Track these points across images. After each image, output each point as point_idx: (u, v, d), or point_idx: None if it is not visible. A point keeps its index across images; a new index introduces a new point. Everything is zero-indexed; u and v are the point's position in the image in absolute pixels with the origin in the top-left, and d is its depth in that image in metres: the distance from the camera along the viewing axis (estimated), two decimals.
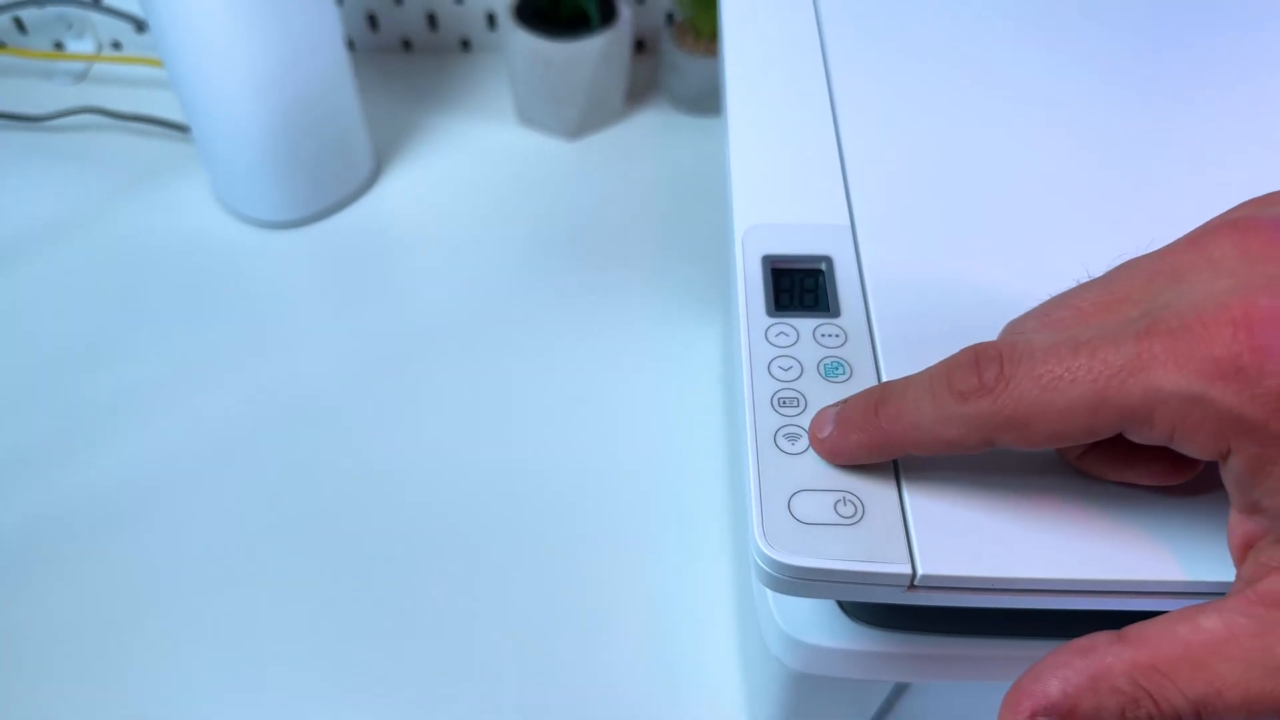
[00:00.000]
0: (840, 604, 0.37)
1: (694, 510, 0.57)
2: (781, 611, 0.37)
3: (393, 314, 0.68)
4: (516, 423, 0.62)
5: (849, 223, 0.38)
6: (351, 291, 0.70)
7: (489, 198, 0.75)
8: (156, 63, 0.82)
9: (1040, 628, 0.36)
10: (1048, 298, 0.30)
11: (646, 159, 0.78)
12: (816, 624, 0.36)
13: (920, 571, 0.28)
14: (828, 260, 0.37)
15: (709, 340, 0.66)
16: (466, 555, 0.56)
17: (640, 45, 0.87)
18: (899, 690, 0.42)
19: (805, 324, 0.35)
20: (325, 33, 0.67)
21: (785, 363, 0.34)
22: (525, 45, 0.72)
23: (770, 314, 0.35)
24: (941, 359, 0.31)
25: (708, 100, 0.80)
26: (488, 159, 0.78)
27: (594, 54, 0.72)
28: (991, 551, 0.29)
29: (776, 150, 0.41)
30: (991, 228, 0.38)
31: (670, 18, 0.83)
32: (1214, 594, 0.30)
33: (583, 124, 0.78)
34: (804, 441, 0.32)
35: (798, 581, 0.29)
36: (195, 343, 0.66)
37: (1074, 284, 0.30)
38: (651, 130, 0.80)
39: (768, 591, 0.37)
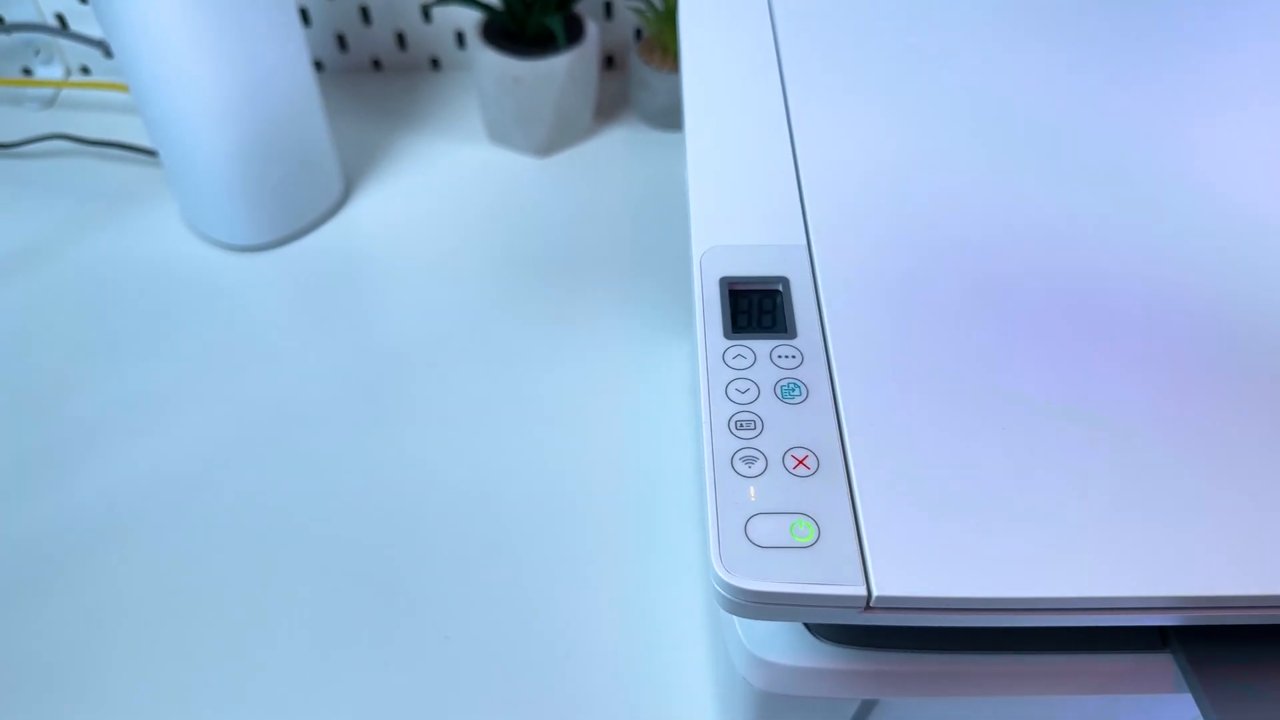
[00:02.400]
0: (805, 623, 0.37)
1: (667, 528, 0.58)
2: (747, 631, 0.37)
3: (364, 335, 0.68)
4: (489, 443, 0.62)
5: (805, 242, 0.39)
6: (323, 313, 0.69)
7: (459, 216, 0.75)
8: (125, 88, 0.82)
9: (1010, 642, 0.37)
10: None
11: (617, 175, 0.78)
12: (782, 643, 0.37)
13: (875, 593, 0.28)
14: (784, 280, 0.37)
15: (680, 355, 0.66)
16: (439, 578, 0.55)
17: (609, 61, 0.87)
18: (868, 707, 0.42)
19: (762, 345, 0.35)
20: (292, 55, 0.67)
21: (743, 385, 0.34)
22: (493, 64, 0.73)
23: (728, 336, 0.36)
24: (896, 378, 0.31)
25: (677, 115, 0.80)
26: (458, 178, 0.78)
27: (561, 72, 0.73)
28: (948, 571, 0.29)
29: (734, 172, 0.41)
30: (946, 246, 0.39)
31: (639, 34, 0.84)
32: (1170, 609, 0.30)
33: (552, 141, 0.78)
34: (761, 464, 0.32)
35: (756, 605, 0.30)
36: (166, 368, 0.66)
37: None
38: (621, 146, 0.80)
39: None
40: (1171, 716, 0.43)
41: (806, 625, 0.37)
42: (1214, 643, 0.35)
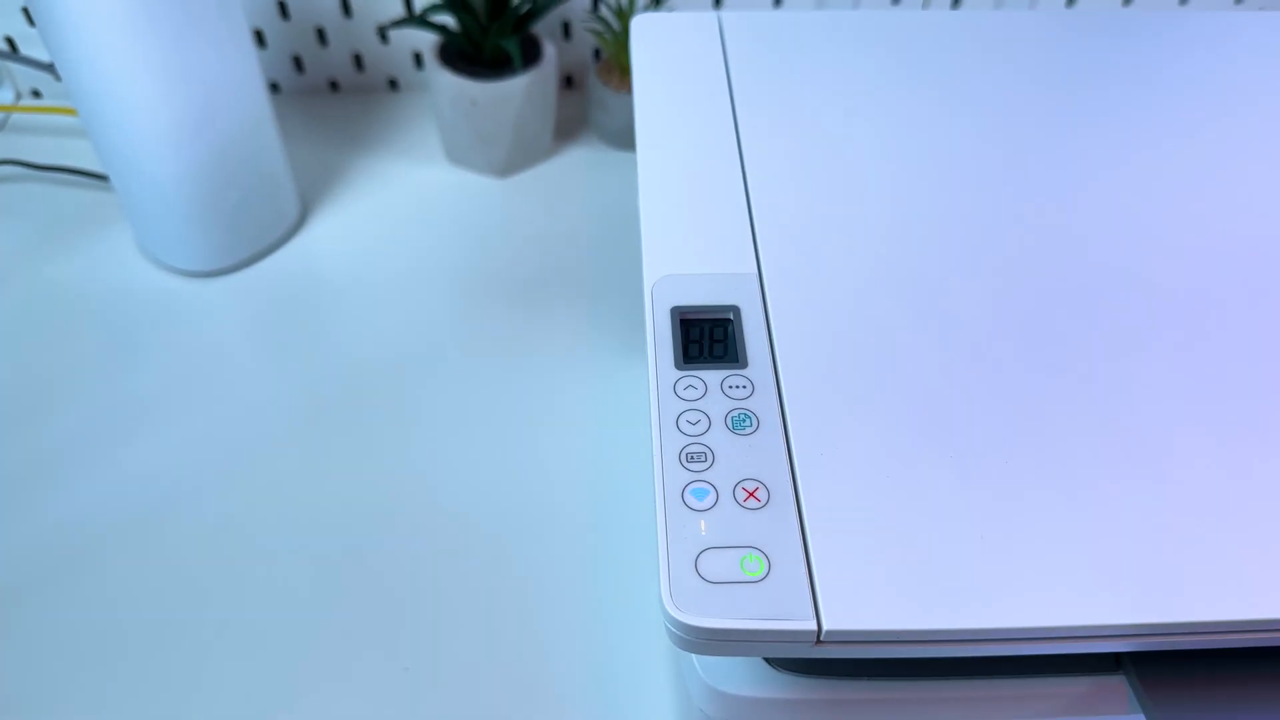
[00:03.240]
0: None
1: (627, 554, 0.57)
2: (703, 663, 0.37)
3: (323, 358, 0.67)
4: (449, 467, 0.61)
5: (756, 270, 0.39)
6: (281, 337, 0.69)
7: (418, 238, 0.75)
8: (76, 112, 0.81)
9: (967, 668, 0.37)
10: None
11: (576, 195, 0.78)
12: (739, 675, 0.36)
13: (826, 627, 0.28)
14: (735, 309, 0.37)
15: (641, 378, 0.66)
16: (399, 607, 0.55)
17: (569, 82, 0.87)
18: None
19: (713, 376, 0.35)
20: (244, 78, 0.66)
21: (694, 416, 0.34)
22: (450, 86, 0.72)
23: (679, 366, 0.36)
24: (847, 408, 0.31)
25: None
26: (416, 199, 0.77)
27: (519, 94, 0.72)
28: (900, 604, 0.29)
29: (686, 200, 0.41)
30: (897, 274, 0.39)
31: (597, 54, 0.84)
32: (1121, 637, 0.30)
33: (511, 162, 0.78)
34: (711, 497, 0.32)
35: (708, 642, 0.29)
36: (121, 396, 0.65)
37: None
38: (581, 166, 0.80)
39: None
40: None
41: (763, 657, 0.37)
42: (1166, 664, 0.35)
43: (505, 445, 0.62)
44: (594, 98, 0.80)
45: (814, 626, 0.28)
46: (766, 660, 0.36)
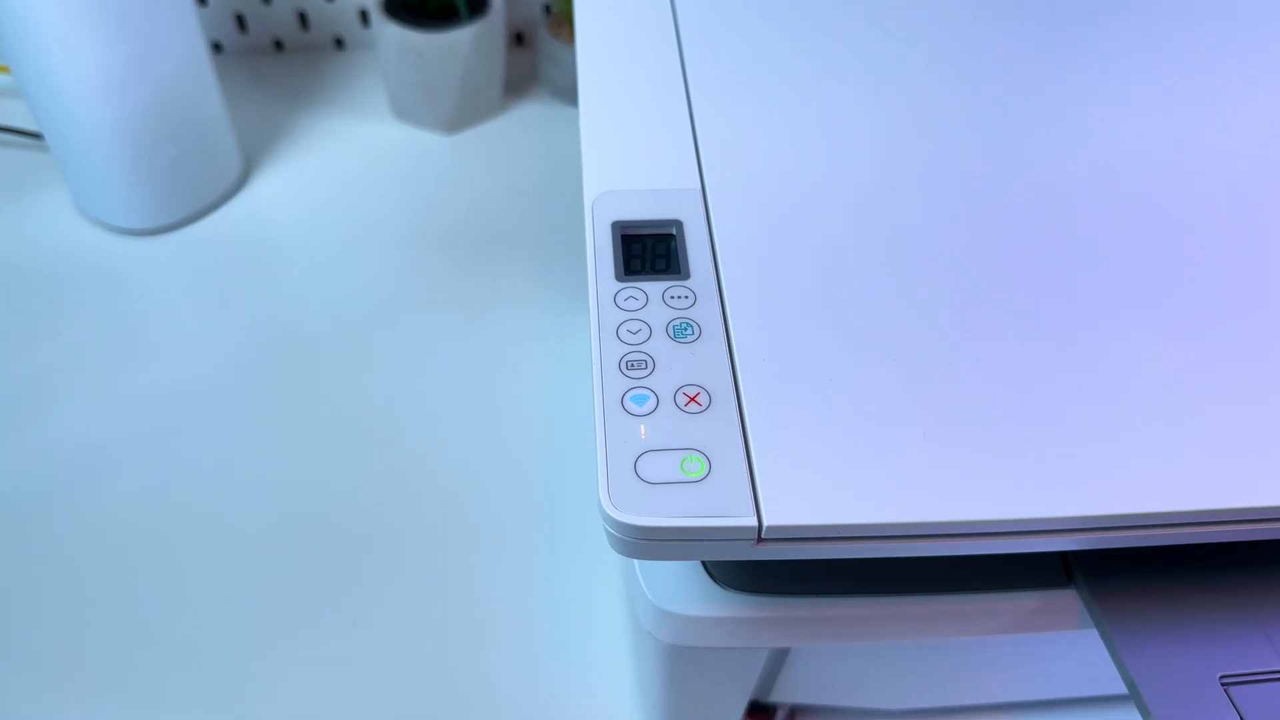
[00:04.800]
0: (707, 570, 0.36)
1: (581, 503, 0.56)
2: (649, 583, 0.36)
3: (267, 318, 0.66)
4: (400, 422, 0.60)
5: (699, 186, 0.38)
6: (224, 297, 0.67)
7: (364, 195, 0.73)
8: (6, 69, 0.78)
9: (915, 584, 0.36)
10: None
11: (526, 151, 0.77)
12: (683, 593, 0.36)
13: (766, 523, 0.28)
14: (678, 224, 0.36)
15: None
16: (346, 563, 0.54)
17: (519, 38, 0.86)
18: (779, 658, 0.42)
19: (654, 287, 0.34)
20: (179, 27, 0.64)
21: (634, 326, 0.33)
22: (394, 38, 0.71)
23: (619, 279, 0.35)
24: (789, 316, 0.30)
25: None
26: (362, 156, 0.76)
27: (465, 44, 0.71)
28: (841, 499, 0.28)
29: (627, 116, 0.40)
30: (840, 188, 0.38)
31: (547, 9, 0.83)
32: (1060, 532, 0.30)
33: (459, 117, 0.77)
34: (651, 402, 0.31)
35: (646, 543, 0.29)
36: (58, 357, 0.63)
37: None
38: (531, 122, 0.79)
39: (636, 566, 0.37)
40: (1082, 659, 0.44)
41: (709, 573, 0.36)
42: (1117, 576, 0.35)
43: (455, 402, 0.61)
44: (544, 52, 0.79)
45: (754, 523, 0.28)
46: (712, 578, 0.36)
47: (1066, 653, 0.43)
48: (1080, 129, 0.41)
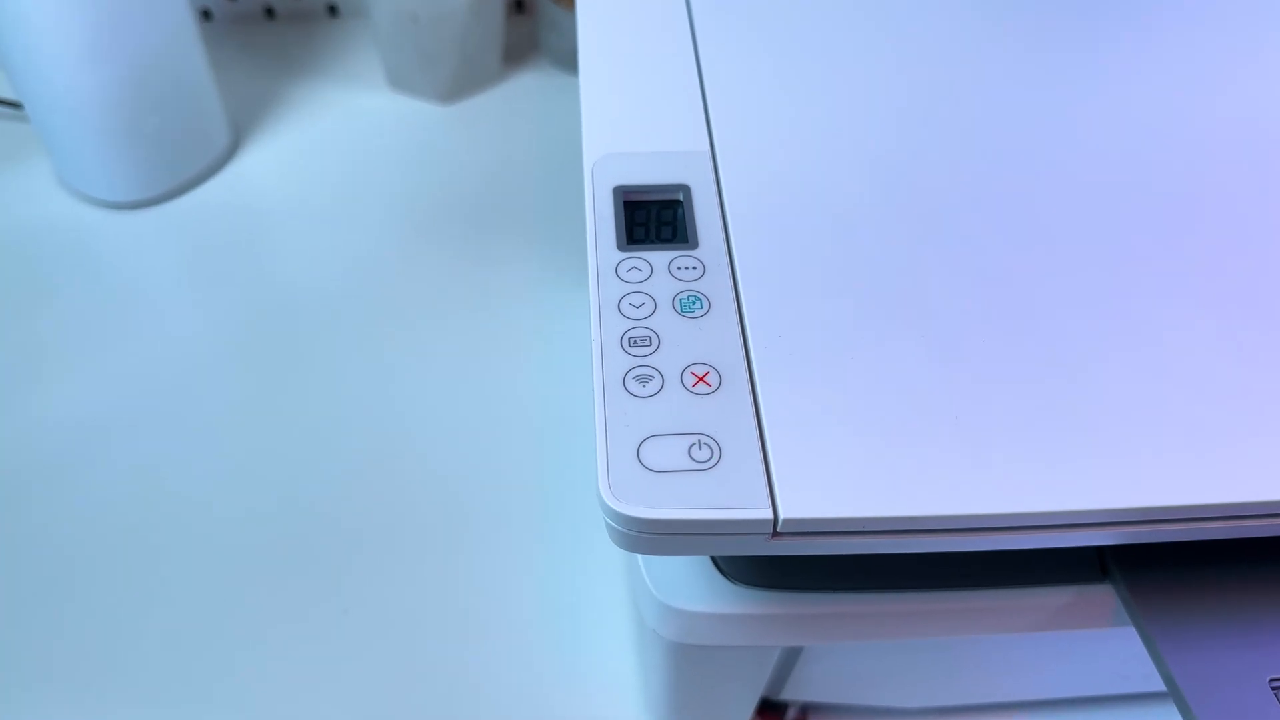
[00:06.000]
0: (716, 564, 0.33)
1: (582, 484, 0.54)
2: (654, 577, 0.34)
3: (256, 295, 0.63)
4: (395, 403, 0.57)
5: (709, 148, 0.35)
6: (211, 272, 0.64)
7: (358, 168, 0.70)
8: None
9: (939, 580, 0.34)
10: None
11: (526, 122, 0.74)
12: (691, 588, 0.33)
13: (783, 515, 0.25)
14: (685, 189, 0.34)
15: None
16: (339, 547, 0.51)
17: (519, 4, 0.82)
18: (792, 656, 0.39)
19: (660, 257, 0.32)
20: None
21: (637, 299, 0.30)
22: (389, 3, 0.68)
23: (622, 248, 0.32)
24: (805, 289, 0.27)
25: None
26: (355, 127, 0.73)
27: (462, 10, 0.68)
28: (864, 489, 0.26)
29: (631, 73, 0.38)
30: (861, 153, 0.35)
31: None
32: (1096, 525, 0.27)
33: (457, 86, 0.74)
34: (656, 383, 0.28)
35: (649, 537, 0.26)
36: (41, 334, 0.60)
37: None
38: (531, 92, 0.76)
39: (640, 558, 0.34)
40: (1112, 656, 0.41)
41: (718, 567, 0.33)
42: (1156, 569, 0.33)
43: (451, 384, 0.58)
44: (546, 18, 0.76)
45: (769, 515, 0.25)
46: (721, 571, 0.33)
47: (1095, 649, 0.41)
48: (1120, 86, 0.38)
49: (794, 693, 0.43)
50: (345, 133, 0.73)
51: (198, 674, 0.47)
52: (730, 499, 0.25)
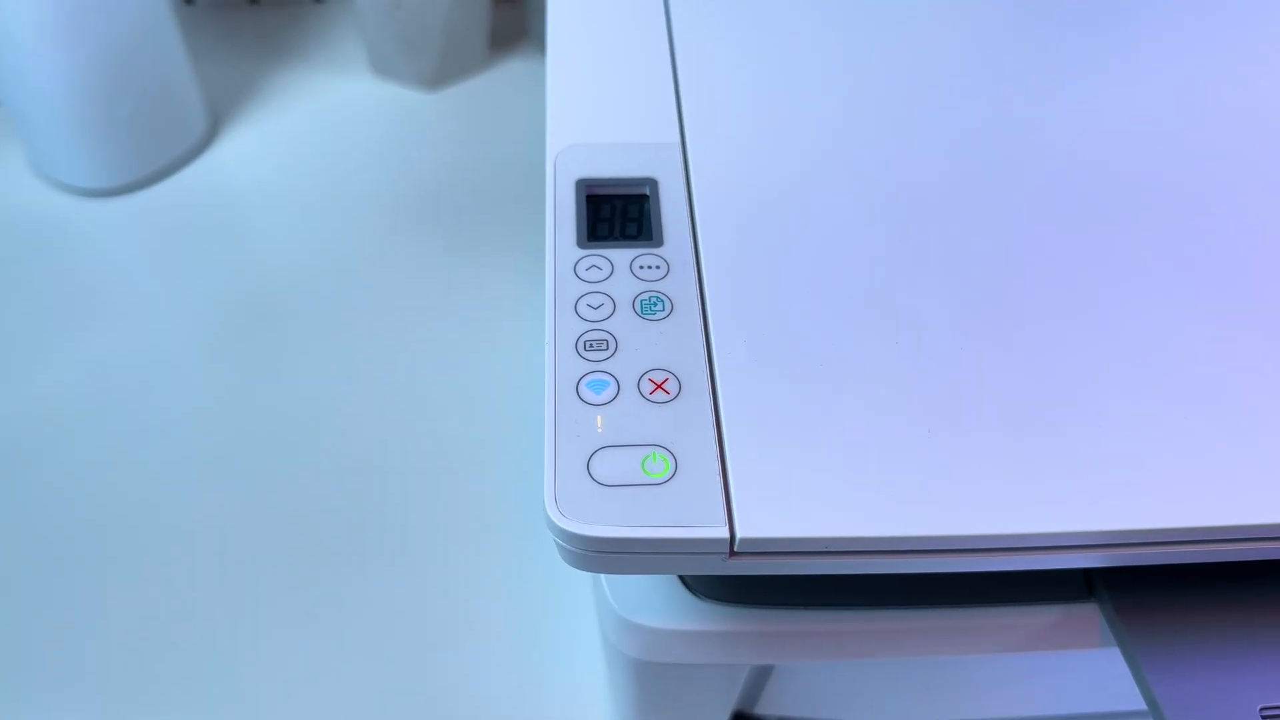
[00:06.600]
0: (682, 579, 0.32)
1: None
2: (616, 592, 0.32)
3: (233, 286, 0.61)
4: (372, 396, 0.56)
5: (680, 140, 0.33)
6: (187, 262, 0.63)
7: (339, 156, 0.69)
8: None
9: (920, 596, 0.32)
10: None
11: (512, 109, 0.72)
12: (654, 603, 0.31)
13: (740, 535, 0.23)
14: (652, 183, 0.32)
15: None
16: (310, 548, 0.49)
17: None
18: (764, 672, 0.38)
19: (622, 255, 0.30)
20: None
21: (596, 300, 0.29)
22: None
23: (582, 245, 0.30)
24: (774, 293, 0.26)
25: None
26: (337, 114, 0.71)
27: None
28: (830, 507, 0.24)
29: (600, 60, 0.36)
30: (837, 151, 0.34)
31: None
32: (1070, 547, 0.25)
33: (441, 73, 0.72)
34: (612, 389, 0.26)
35: (599, 555, 0.24)
36: (9, 325, 0.59)
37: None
38: (518, 78, 0.74)
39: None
40: (1098, 674, 0.40)
41: (684, 582, 0.32)
42: (1142, 590, 0.31)
43: (431, 380, 0.57)
44: (533, 2, 0.74)
45: (726, 534, 0.23)
46: (687, 586, 0.31)
47: (1081, 667, 0.39)
48: (1104, 74, 0.37)
49: (769, 707, 0.41)
50: (326, 119, 0.71)
51: (156, 671, 0.45)
52: (685, 516, 0.24)
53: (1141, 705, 0.29)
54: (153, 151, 0.66)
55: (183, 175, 0.67)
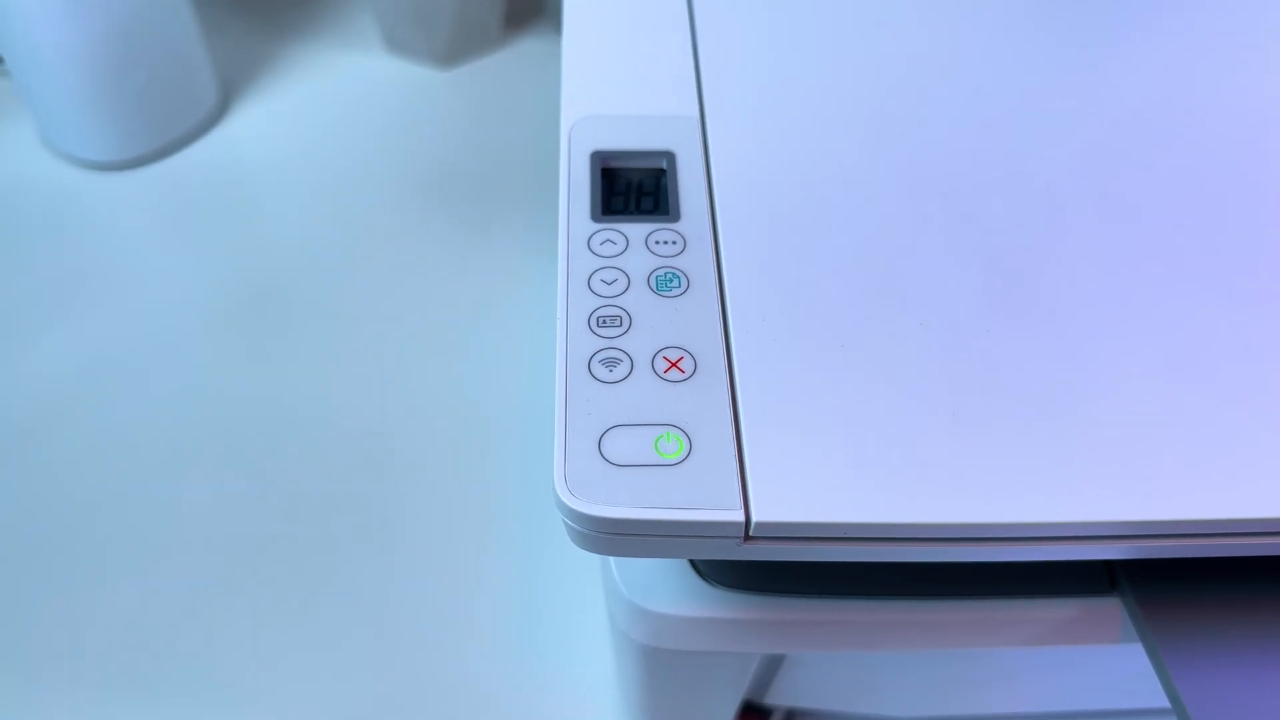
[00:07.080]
0: (693, 564, 0.31)
1: None
2: (625, 577, 0.31)
3: (242, 261, 0.61)
4: (378, 380, 0.55)
5: (699, 113, 0.32)
6: (196, 236, 0.62)
7: (350, 132, 0.68)
8: None
9: (936, 587, 0.31)
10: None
11: (527, 87, 0.71)
12: (665, 589, 0.31)
13: (755, 518, 0.23)
14: (670, 156, 0.31)
15: None
16: (317, 530, 0.49)
17: None
18: (775, 660, 0.37)
19: (637, 229, 0.29)
20: None
21: (609, 275, 0.28)
22: None
23: (596, 219, 0.29)
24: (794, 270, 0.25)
25: None
26: (349, 90, 0.70)
27: None
28: (849, 492, 0.23)
29: (618, 29, 0.35)
30: (860, 123, 0.33)
31: None
32: (1094, 538, 0.24)
33: (455, 50, 0.71)
34: (624, 367, 0.26)
35: (609, 537, 0.24)
36: (18, 299, 0.58)
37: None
38: (534, 56, 0.73)
39: (611, 556, 0.32)
40: (1121, 674, 0.39)
41: (695, 568, 0.31)
42: (1169, 583, 0.30)
43: (440, 360, 0.56)
44: None
45: (741, 518, 0.23)
46: (698, 572, 0.31)
47: (1100, 662, 0.38)
48: (1137, 58, 0.35)
49: (779, 697, 0.40)
50: (338, 95, 0.70)
51: (154, 652, 0.45)
52: (699, 498, 0.23)
53: (1163, 702, 0.28)
54: (163, 125, 0.65)
55: (192, 150, 0.67)
